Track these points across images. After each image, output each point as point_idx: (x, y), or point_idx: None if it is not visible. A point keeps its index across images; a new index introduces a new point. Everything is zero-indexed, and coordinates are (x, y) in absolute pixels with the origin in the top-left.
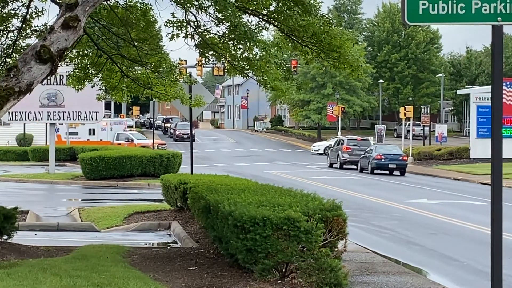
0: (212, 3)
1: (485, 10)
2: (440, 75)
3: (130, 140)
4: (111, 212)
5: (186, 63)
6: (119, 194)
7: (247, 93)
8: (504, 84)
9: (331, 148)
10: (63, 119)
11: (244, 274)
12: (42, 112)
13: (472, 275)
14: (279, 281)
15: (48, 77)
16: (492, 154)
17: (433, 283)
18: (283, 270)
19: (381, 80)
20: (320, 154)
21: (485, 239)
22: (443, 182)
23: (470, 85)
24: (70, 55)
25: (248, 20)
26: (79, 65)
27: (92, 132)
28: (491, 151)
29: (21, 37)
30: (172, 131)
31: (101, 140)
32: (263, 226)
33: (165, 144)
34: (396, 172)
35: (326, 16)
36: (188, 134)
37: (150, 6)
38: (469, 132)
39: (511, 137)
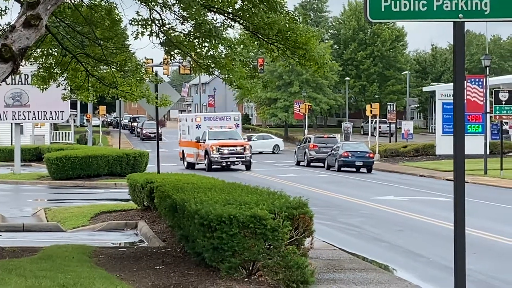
0: (177, 1)
1: (447, 7)
2: (406, 72)
3: None
4: (78, 212)
5: (152, 62)
6: (85, 194)
7: (214, 92)
8: (468, 81)
9: (298, 146)
10: (28, 119)
11: (211, 272)
12: (7, 112)
13: (438, 271)
14: (246, 279)
15: (12, 77)
16: (454, 150)
17: (399, 279)
18: (250, 268)
19: (347, 78)
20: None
21: (451, 235)
22: (410, 179)
23: (436, 82)
24: (34, 54)
25: (213, 18)
26: (44, 65)
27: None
28: (453, 148)
29: None
30: (139, 130)
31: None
32: (229, 224)
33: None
34: (363, 169)
35: (292, 13)
36: (155, 133)
37: (114, 5)
38: (435, 129)
39: (476, 134)
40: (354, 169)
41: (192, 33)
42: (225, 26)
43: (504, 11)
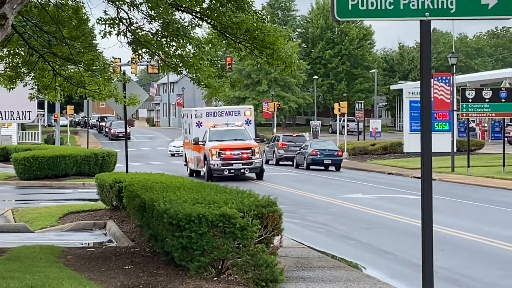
0: (144, 0)
1: (413, 5)
2: (374, 70)
3: None
4: (46, 213)
5: (120, 61)
6: (53, 194)
7: (183, 91)
8: (436, 79)
9: (267, 145)
10: None
11: (180, 272)
12: None
13: (406, 268)
14: (215, 278)
15: None
16: (421, 148)
17: (368, 277)
18: (219, 267)
19: (315, 77)
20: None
21: (419, 232)
22: (378, 177)
23: (403, 81)
24: (0, 54)
25: (181, 17)
26: (10, 64)
27: None
28: (420, 145)
29: None
30: (107, 130)
31: None
32: (198, 223)
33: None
34: (332, 168)
35: (260, 12)
36: (124, 132)
37: (82, 4)
38: (402, 127)
39: (443, 131)
40: (322, 168)
41: (159, 32)
42: (193, 25)
43: (469, 10)
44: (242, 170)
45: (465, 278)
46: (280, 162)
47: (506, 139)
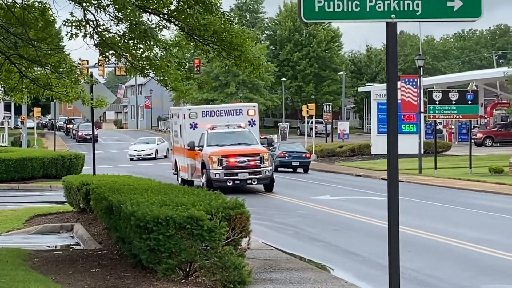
0: (111, 2)
1: (379, 7)
2: (342, 73)
3: None
4: (12, 215)
5: (87, 63)
6: (20, 197)
7: (150, 93)
8: (403, 81)
9: None
10: None
11: (148, 274)
12: None
13: (373, 269)
14: (183, 281)
15: None
16: (388, 150)
17: (336, 278)
18: (187, 269)
19: (283, 79)
20: (144, 159)
21: (386, 233)
22: (346, 179)
23: (371, 83)
24: None
25: (148, 19)
26: None
27: None
28: (387, 147)
29: None
30: (74, 132)
31: None
32: (166, 225)
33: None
34: (300, 170)
35: (227, 14)
36: (91, 134)
37: (48, 6)
38: (370, 129)
39: (411, 133)
40: (291, 169)
41: (127, 34)
42: (161, 27)
43: (435, 12)
44: (249, 181)
45: (432, 279)
46: None
47: (472, 141)
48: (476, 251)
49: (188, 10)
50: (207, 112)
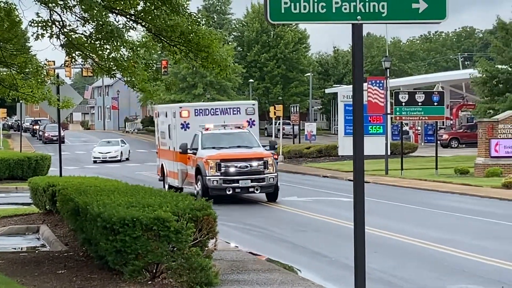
0: (78, 2)
1: (345, 9)
2: (309, 74)
3: None
4: None
5: (54, 64)
6: None
7: (118, 94)
8: (369, 82)
9: None
10: None
11: (114, 276)
12: None
13: (340, 270)
14: (149, 282)
15: None
16: (354, 151)
17: (303, 279)
18: (154, 271)
19: (251, 80)
20: (109, 161)
21: (352, 234)
22: (313, 180)
23: (338, 84)
24: None
25: (115, 19)
26: None
27: None
28: (353, 148)
29: None
30: (41, 133)
31: None
32: (132, 227)
33: None
34: None
35: (194, 15)
36: (58, 136)
37: (14, 6)
38: (337, 130)
39: (377, 135)
40: None
41: (93, 35)
42: (128, 28)
43: (400, 14)
44: (251, 189)
45: (397, 280)
46: None
47: (439, 142)
48: (441, 252)
49: (155, 11)
50: (201, 111)
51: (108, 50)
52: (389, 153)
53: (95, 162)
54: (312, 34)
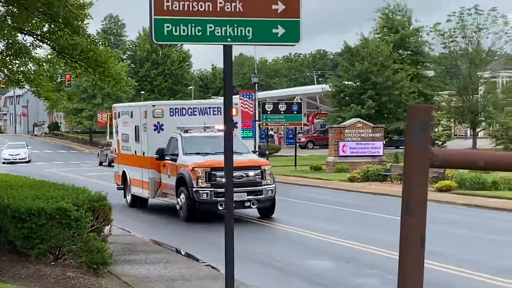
0: None
1: (218, 32)
2: (191, 87)
3: None
4: None
5: None
6: None
7: (27, 103)
8: (241, 95)
9: (101, 149)
10: None
11: (22, 258)
12: None
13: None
14: (53, 263)
15: None
16: (225, 155)
17: (186, 259)
18: (57, 253)
19: (142, 92)
20: (18, 162)
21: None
22: None
23: (215, 96)
24: None
25: (23, 38)
26: None
27: None
28: (223, 151)
29: None
30: None
31: None
32: (38, 216)
33: None
34: None
35: (93, 36)
36: None
37: None
38: None
39: (248, 138)
40: None
41: (4, 52)
42: (35, 46)
43: (263, 37)
44: (247, 203)
45: (269, 259)
46: (112, 164)
47: (297, 144)
48: (303, 235)
49: (58, 32)
50: (177, 110)
51: (17, 65)
52: None
53: (4, 163)
54: (194, 53)
